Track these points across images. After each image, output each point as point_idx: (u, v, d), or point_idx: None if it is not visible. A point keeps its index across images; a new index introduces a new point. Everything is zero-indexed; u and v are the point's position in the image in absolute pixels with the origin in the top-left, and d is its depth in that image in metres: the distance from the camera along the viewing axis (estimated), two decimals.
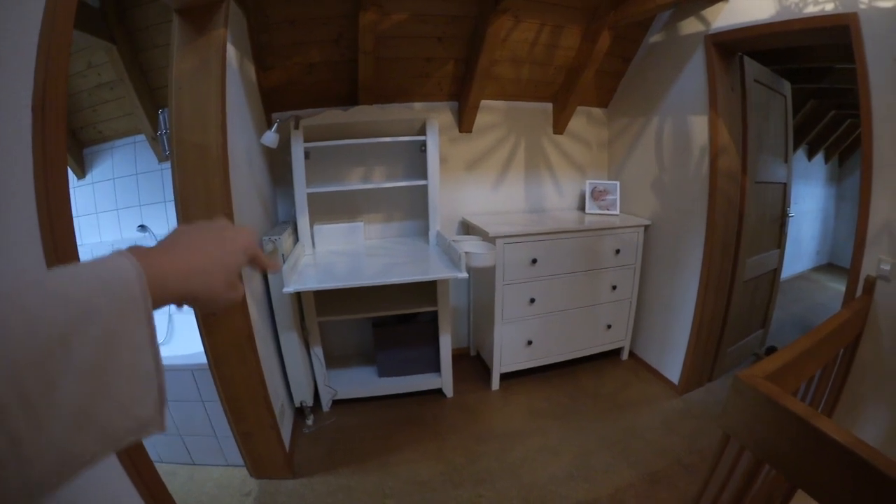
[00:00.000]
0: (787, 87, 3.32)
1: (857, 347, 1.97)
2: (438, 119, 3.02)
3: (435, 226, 2.97)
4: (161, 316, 3.08)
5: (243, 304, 1.97)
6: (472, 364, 3.57)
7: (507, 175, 3.41)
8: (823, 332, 1.62)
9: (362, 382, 3.05)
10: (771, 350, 3.68)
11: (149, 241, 3.01)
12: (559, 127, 3.41)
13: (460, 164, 3.27)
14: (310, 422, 2.82)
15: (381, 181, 3.02)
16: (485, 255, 2.70)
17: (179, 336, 3.09)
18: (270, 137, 2.47)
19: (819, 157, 5.74)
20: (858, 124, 5.40)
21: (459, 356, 3.58)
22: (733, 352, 3.40)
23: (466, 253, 2.58)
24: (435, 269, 2.56)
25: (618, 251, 3.19)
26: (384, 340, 3.02)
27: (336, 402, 2.99)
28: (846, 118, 5.28)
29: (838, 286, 5.53)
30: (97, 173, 3.10)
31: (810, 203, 5.76)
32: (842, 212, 6.18)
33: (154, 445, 2.35)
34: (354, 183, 2.98)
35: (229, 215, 1.83)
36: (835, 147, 5.79)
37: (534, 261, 2.95)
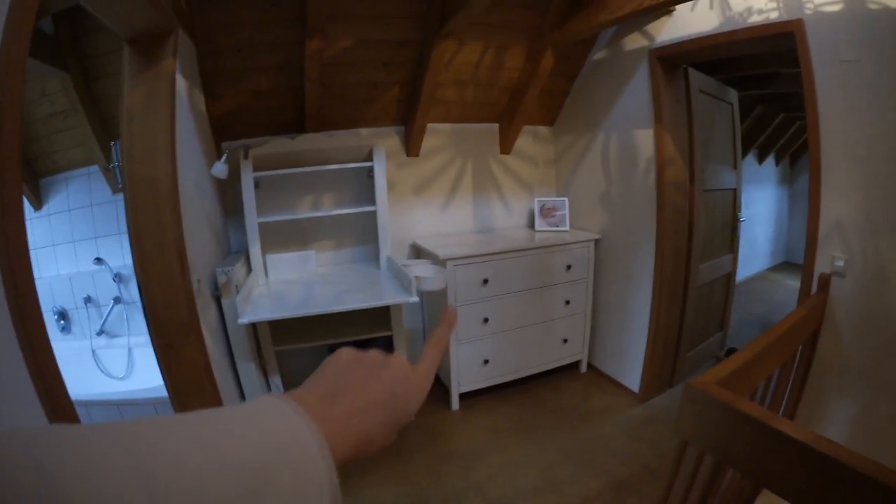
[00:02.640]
0: (733, 94, 3.29)
1: (816, 344, 1.94)
2: (385, 144, 2.95)
3: (385, 251, 2.87)
4: (120, 350, 2.93)
5: (198, 334, 1.88)
6: (432, 385, 3.42)
7: (456, 197, 3.33)
8: (779, 332, 1.58)
9: None
10: (731, 352, 3.60)
11: (105, 275, 2.94)
12: (506, 147, 3.34)
13: (409, 188, 3.17)
14: None
15: (330, 208, 2.92)
16: (435, 278, 2.61)
17: (140, 369, 2.95)
18: (220, 168, 2.36)
19: (770, 160, 5.75)
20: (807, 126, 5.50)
21: None
22: (693, 356, 3.33)
23: (416, 277, 2.49)
24: (386, 295, 2.47)
25: (569, 266, 3.11)
26: None
27: None
28: (795, 121, 5.30)
29: (795, 283, 5.43)
30: (53, 204, 2.97)
31: (763, 206, 5.76)
32: (796, 210, 6.20)
33: None
34: (304, 211, 2.88)
35: (181, 248, 1.76)
36: (785, 149, 5.81)
37: (485, 281, 2.86)
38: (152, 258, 1.72)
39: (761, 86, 3.72)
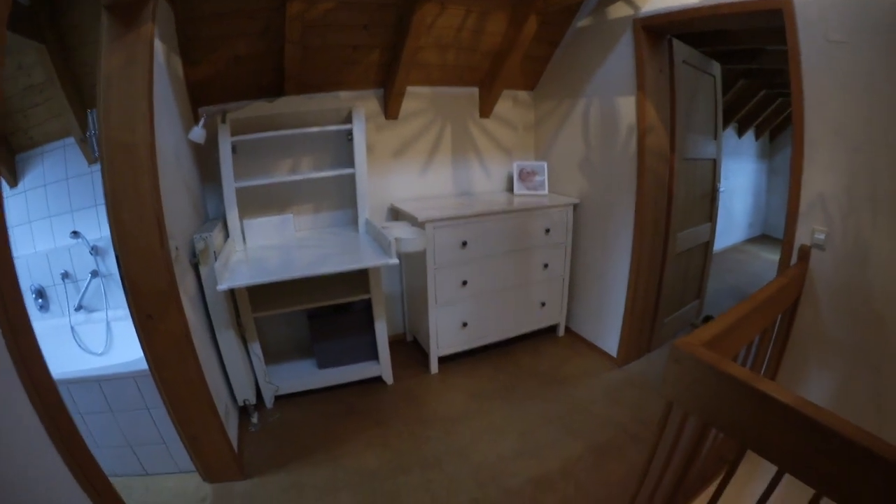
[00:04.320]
0: (716, 67, 3.20)
1: (796, 313, 1.92)
2: (365, 107, 2.84)
3: (364, 214, 2.78)
4: (99, 325, 2.83)
5: (178, 303, 1.80)
6: (410, 350, 3.38)
7: (435, 160, 3.22)
8: (760, 298, 1.54)
9: (303, 376, 2.85)
10: (707, 319, 3.57)
11: (82, 249, 2.82)
12: (485, 110, 3.23)
13: (387, 151, 3.07)
14: (255, 420, 2.61)
15: (308, 171, 2.80)
16: (414, 240, 2.53)
17: (119, 344, 2.84)
18: (198, 133, 2.25)
19: (749, 135, 5.69)
20: (789, 104, 5.39)
21: (396, 342, 3.39)
22: (670, 322, 3.29)
23: (396, 239, 2.41)
24: (365, 258, 2.39)
25: (548, 230, 3.04)
26: (321, 332, 2.82)
27: (279, 398, 2.78)
28: (777, 97, 5.22)
29: (771, 256, 5.51)
30: (29, 180, 2.80)
31: (741, 178, 5.70)
32: (774, 186, 6.15)
33: (105, 459, 2.17)
34: (282, 175, 2.76)
35: (159, 215, 1.68)
36: (765, 125, 5.75)
37: (464, 243, 2.78)
38: (130, 227, 1.65)
39: (745, 60, 3.64)
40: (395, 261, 2.29)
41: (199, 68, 2.45)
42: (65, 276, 2.70)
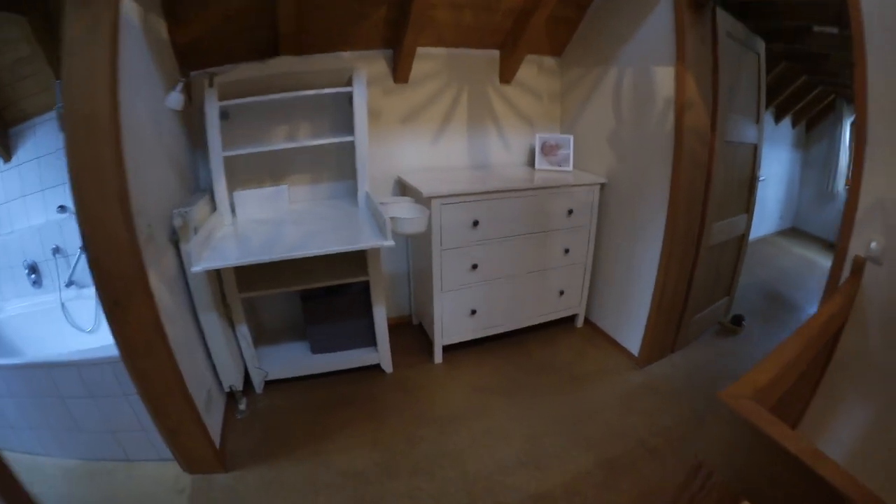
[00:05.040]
0: (760, 44, 2.82)
1: (839, 339, 1.60)
2: (370, 69, 2.53)
3: (364, 186, 2.46)
4: (89, 301, 2.61)
5: (146, 288, 1.60)
6: (414, 334, 3.07)
7: (448, 128, 2.87)
8: (811, 333, 1.23)
9: (295, 361, 2.58)
10: (737, 319, 3.24)
11: (72, 223, 2.53)
12: (506, 76, 2.86)
13: (396, 118, 2.73)
14: (242, 406, 2.36)
15: (306, 139, 2.48)
16: (414, 219, 2.22)
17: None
18: (174, 99, 2.01)
19: (786, 122, 5.24)
20: (829, 92, 5.01)
21: (400, 326, 3.11)
22: (697, 321, 2.96)
23: (393, 218, 2.10)
24: (361, 237, 2.09)
25: (570, 211, 2.69)
26: (315, 315, 2.54)
27: (269, 383, 2.53)
28: (818, 85, 4.77)
29: (801, 251, 5.14)
30: (22, 154, 2.64)
31: (776, 167, 5.26)
32: (807, 177, 5.71)
33: (89, 444, 2.08)
34: (278, 142, 2.45)
35: (122, 192, 1.48)
36: (803, 113, 5.29)
37: (475, 223, 2.45)
38: (94, 205, 1.47)
39: (790, 40, 3.22)
40: (390, 243, 2.01)
41: (187, 29, 2.16)
42: (56, 250, 2.56)
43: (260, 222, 2.36)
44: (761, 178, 3.04)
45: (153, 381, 1.74)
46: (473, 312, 2.67)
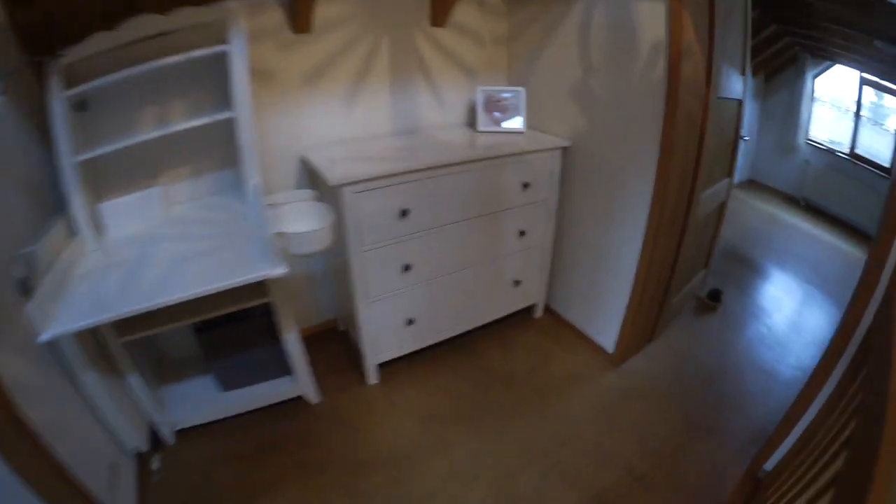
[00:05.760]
0: None
1: None
2: (261, 19, 1.84)
3: (253, 177, 1.78)
4: None
5: None
6: (343, 345, 2.44)
7: (366, 87, 2.18)
8: None
9: (205, 402, 1.98)
10: (714, 294, 2.83)
11: None
12: (439, 17, 2.18)
13: (296, 78, 2.02)
14: (155, 466, 1.79)
15: (179, 122, 1.74)
16: (311, 234, 1.60)
17: None
18: None
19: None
20: (794, 44, 4.58)
21: (324, 335, 2.51)
22: (676, 300, 2.50)
23: (281, 235, 1.47)
24: (244, 263, 1.47)
25: (526, 185, 2.11)
26: (214, 348, 1.91)
27: (183, 432, 1.92)
28: (786, 35, 4.32)
29: (763, 206, 4.83)
30: None
31: None
32: (766, 129, 5.34)
33: None
34: (146, 130, 1.70)
35: None
36: (765, 64, 4.86)
37: (404, 212, 1.83)
38: None
39: None
40: (281, 271, 1.42)
41: (30, 8, 1.41)
42: None
43: (132, 242, 1.67)
44: (745, 138, 2.57)
45: (35, 473, 1.15)
46: (410, 322, 2.09)
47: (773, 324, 2.72)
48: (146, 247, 1.64)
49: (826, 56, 4.39)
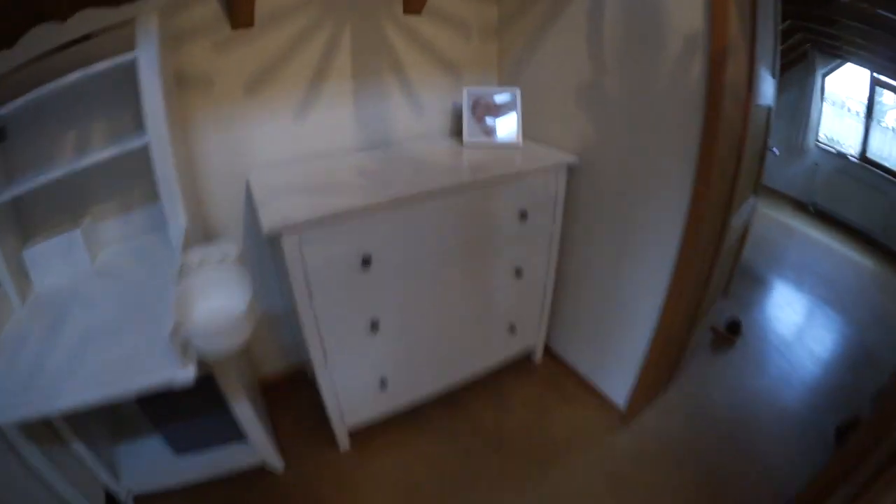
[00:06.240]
0: None
1: None
2: (191, 14, 1.42)
3: (177, 217, 1.34)
4: None
5: None
6: (310, 396, 1.91)
7: (324, 90, 1.72)
8: None
9: (161, 466, 1.63)
10: (734, 326, 2.47)
11: None
12: (413, 2, 1.73)
13: (236, 85, 1.57)
14: None
15: (99, 147, 1.32)
16: (221, 333, 1.11)
17: None
18: None
19: None
20: (806, 40, 4.23)
21: (289, 382, 2.10)
22: (694, 337, 2.12)
23: (178, 327, 1.01)
24: (141, 360, 1.04)
25: (524, 214, 1.68)
26: (161, 412, 1.54)
27: (140, 498, 1.57)
28: (798, 31, 3.96)
29: (771, 213, 4.45)
30: None
31: None
32: (773, 130, 4.98)
33: None
34: (62, 162, 1.28)
35: None
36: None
37: (366, 261, 1.40)
38: None
39: None
40: (186, 377, 1.00)
41: None
42: None
43: (52, 301, 1.28)
44: (773, 150, 2.19)
45: None
46: (384, 383, 1.68)
47: (794, 358, 2.37)
48: (62, 311, 1.24)
49: (838, 54, 4.06)
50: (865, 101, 4.10)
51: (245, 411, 1.48)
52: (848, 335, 2.60)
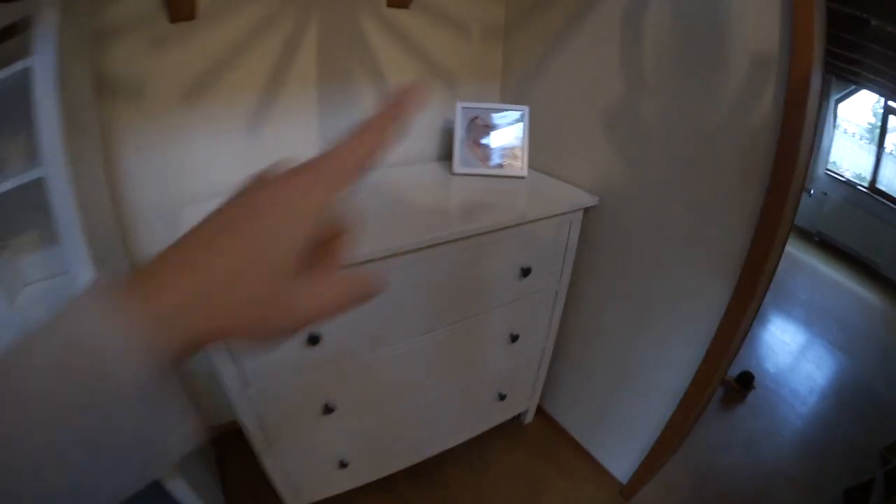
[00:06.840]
0: None
1: None
2: (124, 5, 1.08)
3: (83, 268, 0.95)
4: None
5: None
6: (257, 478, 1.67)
7: (281, 98, 1.36)
8: None
9: None
10: (746, 378, 2.21)
11: None
12: None
13: (177, 89, 1.21)
14: None
15: (16, 172, 0.94)
16: None
17: None
18: None
19: None
20: (826, 63, 4.04)
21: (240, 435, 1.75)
22: None
23: None
24: None
25: (526, 271, 1.34)
26: None
27: None
28: None
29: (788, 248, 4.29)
30: None
31: None
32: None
33: None
34: None
35: None
36: None
37: (313, 338, 1.05)
38: None
39: None
40: None
41: None
42: None
43: None
44: (810, 191, 1.90)
45: None
46: (343, 465, 1.35)
47: (809, 414, 2.16)
48: None
49: (855, 80, 3.86)
50: (878, 129, 3.92)
51: (183, 491, 1.15)
52: (858, 382, 2.47)
